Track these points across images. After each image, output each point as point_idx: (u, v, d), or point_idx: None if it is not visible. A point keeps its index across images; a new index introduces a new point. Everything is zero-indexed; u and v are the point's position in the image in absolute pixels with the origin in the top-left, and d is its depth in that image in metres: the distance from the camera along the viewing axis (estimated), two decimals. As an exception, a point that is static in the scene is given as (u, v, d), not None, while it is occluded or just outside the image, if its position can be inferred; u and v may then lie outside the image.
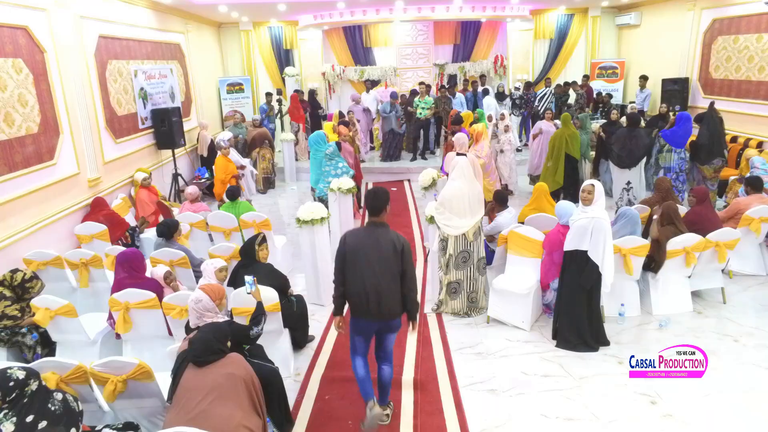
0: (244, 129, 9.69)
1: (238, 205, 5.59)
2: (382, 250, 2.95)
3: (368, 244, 2.97)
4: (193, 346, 2.58)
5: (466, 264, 4.49)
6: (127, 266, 3.75)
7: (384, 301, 2.96)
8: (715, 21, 8.66)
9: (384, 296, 2.95)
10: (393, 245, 2.95)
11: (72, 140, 5.62)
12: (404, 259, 2.96)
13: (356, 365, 3.21)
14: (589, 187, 3.79)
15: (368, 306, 2.98)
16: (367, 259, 2.95)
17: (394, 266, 2.94)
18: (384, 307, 2.97)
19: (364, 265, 2.95)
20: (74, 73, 5.71)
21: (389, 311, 2.99)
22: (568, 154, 7.05)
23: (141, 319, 3.71)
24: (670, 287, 4.51)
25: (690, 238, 4.35)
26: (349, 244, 3.02)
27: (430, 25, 12.16)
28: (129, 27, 7.24)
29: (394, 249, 2.94)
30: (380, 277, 2.94)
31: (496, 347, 4.14)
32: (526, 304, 4.31)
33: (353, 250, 3.00)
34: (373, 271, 2.94)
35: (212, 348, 2.57)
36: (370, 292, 2.94)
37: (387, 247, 2.94)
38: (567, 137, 7.06)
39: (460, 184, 4.34)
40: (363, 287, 2.95)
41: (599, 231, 3.72)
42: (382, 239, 2.97)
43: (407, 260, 2.97)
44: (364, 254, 2.96)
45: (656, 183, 5.52)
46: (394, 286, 2.96)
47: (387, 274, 2.94)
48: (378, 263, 2.94)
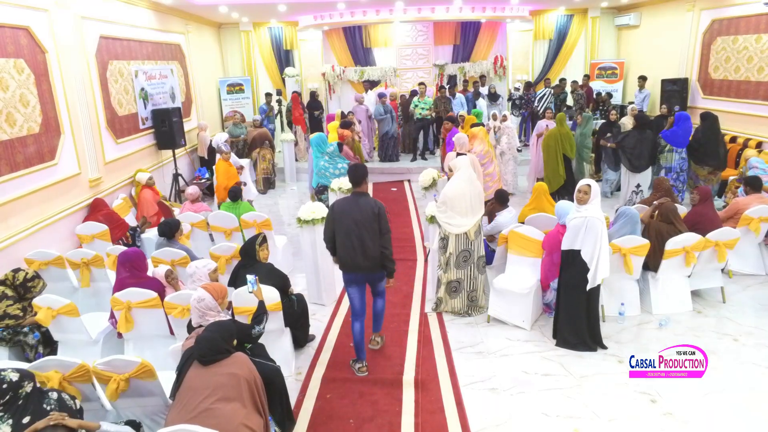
0: (243, 129, 9.70)
1: (239, 205, 5.60)
2: (364, 213, 3.59)
3: (353, 209, 3.61)
4: (199, 345, 2.59)
5: (467, 263, 4.50)
6: (128, 266, 3.76)
7: (368, 253, 3.60)
8: (715, 21, 8.68)
9: (367, 249, 3.60)
10: (371, 209, 3.60)
11: (73, 140, 5.63)
12: (380, 220, 3.60)
13: (354, 329, 3.84)
14: (585, 187, 3.80)
15: (356, 259, 3.62)
16: (353, 221, 3.58)
17: (374, 225, 3.59)
18: (368, 258, 3.61)
19: (350, 225, 3.59)
20: (75, 74, 5.72)
21: (372, 262, 3.64)
22: (565, 154, 7.08)
23: (143, 318, 3.72)
24: (669, 287, 4.52)
25: (690, 237, 4.36)
26: (337, 211, 3.68)
27: (429, 26, 12.18)
28: (130, 27, 7.25)
29: (372, 212, 3.59)
30: (363, 234, 3.58)
31: (497, 346, 4.15)
32: (527, 304, 4.33)
33: (340, 215, 3.64)
34: (357, 230, 3.58)
35: (218, 347, 2.58)
36: (356, 246, 3.59)
37: (367, 211, 3.59)
38: (560, 136, 7.09)
39: (462, 183, 4.36)
40: (351, 243, 3.60)
41: (591, 229, 3.73)
42: (363, 205, 3.61)
43: (383, 221, 3.62)
44: (350, 217, 3.60)
45: (655, 183, 5.54)
46: (376, 241, 3.61)
47: (368, 232, 3.59)
48: (361, 223, 3.58)
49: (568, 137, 7.08)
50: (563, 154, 7.12)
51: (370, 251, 3.61)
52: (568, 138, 7.08)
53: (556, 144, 7.01)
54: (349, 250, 3.61)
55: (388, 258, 3.66)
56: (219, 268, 4.54)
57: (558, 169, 7.07)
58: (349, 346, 4.21)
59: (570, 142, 7.10)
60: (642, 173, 6.98)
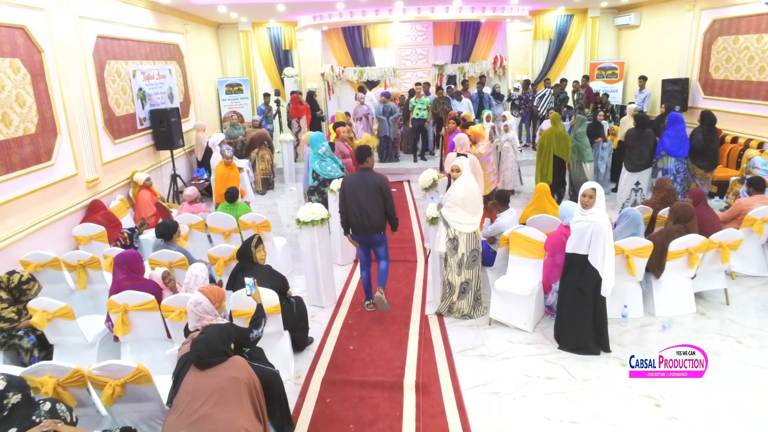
0: (241, 130, 9.63)
1: (237, 206, 5.55)
2: (369, 186, 4.40)
3: (359, 183, 4.44)
4: (197, 347, 2.53)
5: (476, 262, 4.49)
6: (125, 268, 3.71)
7: (372, 218, 4.41)
8: (715, 21, 8.65)
9: (371, 215, 4.41)
10: (374, 182, 4.41)
11: (70, 141, 5.57)
12: (383, 190, 4.42)
13: (363, 277, 4.79)
14: (589, 191, 3.74)
15: (362, 223, 4.44)
16: (359, 192, 4.40)
17: (377, 196, 4.40)
18: (372, 222, 4.43)
19: (357, 196, 4.41)
20: (72, 73, 5.67)
21: (376, 225, 4.46)
22: (556, 155, 7.03)
23: (140, 321, 3.67)
24: (672, 288, 4.48)
25: (693, 238, 4.32)
26: (347, 185, 4.53)
27: (429, 26, 12.15)
28: (128, 27, 7.20)
29: (375, 184, 4.41)
30: (367, 203, 4.39)
31: (499, 349, 4.11)
32: (528, 306, 4.28)
33: (349, 188, 4.47)
34: (363, 200, 4.39)
35: (216, 349, 2.53)
36: (362, 213, 4.40)
37: (371, 184, 4.40)
38: (554, 137, 7.02)
39: (470, 182, 4.36)
40: (358, 211, 4.41)
41: (598, 235, 3.67)
42: (368, 179, 4.43)
43: (385, 191, 4.43)
44: (357, 189, 4.42)
45: (657, 184, 5.50)
46: (378, 209, 4.42)
47: (372, 201, 4.40)
48: (366, 194, 4.39)
49: (563, 138, 7.02)
50: (556, 155, 7.07)
51: (373, 217, 4.40)
52: (563, 138, 7.01)
53: (549, 145, 6.96)
54: (357, 216, 4.42)
55: (392, 217, 4.50)
56: (217, 269, 4.52)
57: (545, 169, 7.02)
58: (349, 348, 4.19)
59: (565, 143, 7.04)
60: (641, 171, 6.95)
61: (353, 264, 5.95)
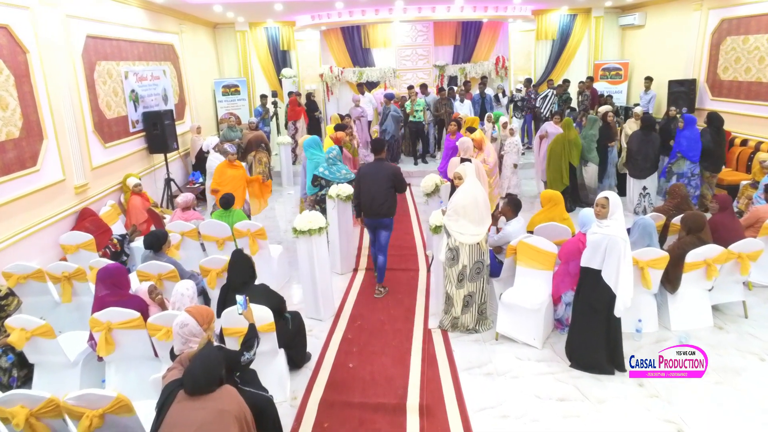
0: (238, 132, 9.39)
1: (232, 213, 5.31)
2: (381, 174, 4.86)
3: (373, 171, 4.92)
4: (185, 378, 2.31)
5: (480, 275, 4.23)
6: (108, 282, 3.46)
7: (383, 204, 4.85)
8: (724, 21, 8.43)
9: (381, 201, 4.84)
10: (387, 171, 4.90)
11: (57, 145, 5.34)
12: (395, 179, 4.90)
13: (372, 252, 5.27)
14: (602, 200, 3.50)
15: (372, 208, 4.87)
16: (373, 179, 4.86)
17: (388, 183, 4.85)
18: (381, 208, 4.85)
19: (371, 183, 4.86)
20: (60, 75, 5.44)
21: (385, 211, 4.88)
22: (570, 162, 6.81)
23: (125, 339, 3.44)
24: (689, 301, 4.26)
25: (711, 249, 4.09)
26: (363, 172, 4.99)
27: (430, 26, 11.92)
28: (120, 27, 6.96)
29: (387, 174, 4.88)
30: (379, 191, 4.83)
31: (507, 366, 3.88)
32: (538, 321, 4.06)
33: (365, 175, 4.94)
34: (375, 187, 4.84)
35: (206, 380, 2.30)
36: (373, 198, 4.84)
37: (384, 172, 4.88)
38: (566, 143, 6.78)
39: (474, 190, 4.11)
40: (370, 196, 4.85)
41: (613, 250, 3.42)
42: (381, 168, 4.93)
43: (398, 180, 4.92)
44: (371, 176, 4.89)
45: (670, 190, 5.27)
46: (388, 196, 4.87)
47: (382, 188, 4.84)
48: (378, 182, 4.84)
49: (575, 144, 6.78)
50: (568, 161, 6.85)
51: (383, 204, 4.84)
52: (575, 145, 6.78)
53: (562, 150, 6.72)
54: (369, 200, 4.84)
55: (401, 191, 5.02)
56: (209, 281, 4.29)
57: (561, 175, 6.78)
58: (349, 366, 3.98)
59: (577, 151, 6.82)
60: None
61: (353, 273, 5.72)
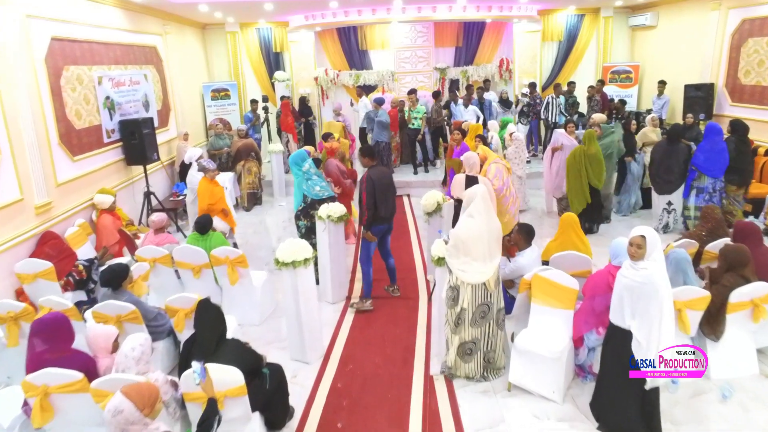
0: (227, 140, 8.80)
1: (210, 237, 4.74)
2: (385, 176, 4.78)
3: (383, 175, 4.75)
4: None
5: (485, 319, 3.64)
6: (45, 336, 2.89)
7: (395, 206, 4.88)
8: (745, 21, 7.88)
9: (393, 201, 4.83)
10: (387, 172, 4.93)
11: (13, 160, 4.76)
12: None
13: (369, 272, 4.88)
14: (638, 239, 2.84)
15: (391, 211, 4.79)
16: (386, 184, 4.73)
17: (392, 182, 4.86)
18: (395, 207, 4.88)
19: (386, 187, 4.73)
20: (17, 82, 4.86)
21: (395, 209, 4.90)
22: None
23: (66, 404, 2.86)
24: (731, 346, 3.69)
25: (759, 288, 3.52)
26: (375, 179, 4.62)
27: (430, 26, 11.32)
28: (92, 28, 6.37)
29: (388, 174, 4.88)
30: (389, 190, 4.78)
31: (522, 427, 3.30)
32: (558, 370, 3.48)
33: (379, 181, 4.63)
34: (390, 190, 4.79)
35: None
36: (390, 202, 4.77)
37: (387, 174, 4.84)
38: (586, 158, 6.06)
39: (478, 221, 3.49)
40: (388, 200, 4.73)
41: (651, 298, 2.78)
42: (382, 170, 4.82)
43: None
44: (383, 180, 4.69)
45: (703, 213, 4.70)
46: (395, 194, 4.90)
47: (392, 189, 4.83)
48: (390, 185, 4.80)
49: (596, 160, 6.02)
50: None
51: (395, 204, 4.88)
52: (596, 161, 6.02)
53: (578, 164, 6.08)
54: (385, 204, 4.67)
55: None
56: (177, 324, 3.72)
57: (582, 190, 6.10)
58: (337, 426, 3.39)
59: (599, 167, 6.05)
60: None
61: (345, 301, 5.15)
